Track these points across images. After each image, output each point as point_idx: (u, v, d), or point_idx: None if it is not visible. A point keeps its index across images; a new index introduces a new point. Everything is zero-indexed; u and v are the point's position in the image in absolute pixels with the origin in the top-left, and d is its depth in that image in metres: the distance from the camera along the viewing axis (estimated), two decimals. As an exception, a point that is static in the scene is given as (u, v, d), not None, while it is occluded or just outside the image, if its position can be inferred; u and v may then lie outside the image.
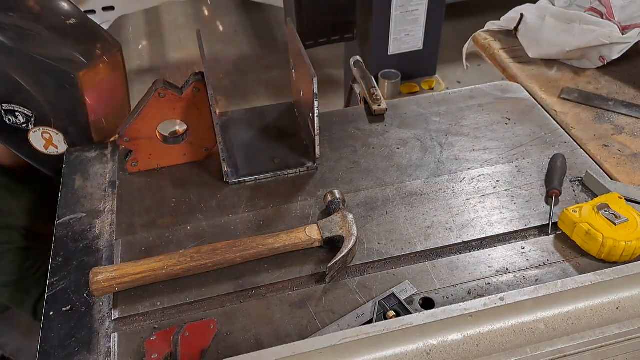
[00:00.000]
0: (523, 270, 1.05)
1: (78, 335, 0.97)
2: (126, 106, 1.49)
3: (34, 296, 1.37)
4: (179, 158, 1.29)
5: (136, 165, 1.27)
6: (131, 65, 3.64)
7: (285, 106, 1.46)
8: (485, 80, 1.63)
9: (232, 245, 1.04)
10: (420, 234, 1.12)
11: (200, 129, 1.25)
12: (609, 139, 1.38)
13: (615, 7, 1.61)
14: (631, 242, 1.02)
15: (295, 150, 1.32)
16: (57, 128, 1.34)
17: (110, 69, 1.38)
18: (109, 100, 1.42)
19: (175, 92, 1.18)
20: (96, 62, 1.32)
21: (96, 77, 1.33)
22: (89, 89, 1.32)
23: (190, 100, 1.20)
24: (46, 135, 1.34)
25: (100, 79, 1.35)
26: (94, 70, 1.32)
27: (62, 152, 1.36)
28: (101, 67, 1.34)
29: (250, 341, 0.94)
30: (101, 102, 1.37)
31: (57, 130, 1.33)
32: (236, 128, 1.39)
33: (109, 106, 1.42)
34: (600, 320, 0.83)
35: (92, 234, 1.15)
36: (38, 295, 1.36)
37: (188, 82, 1.19)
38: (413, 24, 3.01)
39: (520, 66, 1.67)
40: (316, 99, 1.14)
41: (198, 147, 1.28)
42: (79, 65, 1.29)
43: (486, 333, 0.80)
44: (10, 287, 1.36)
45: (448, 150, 1.33)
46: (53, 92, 1.29)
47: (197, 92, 1.19)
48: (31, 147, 1.35)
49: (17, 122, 1.29)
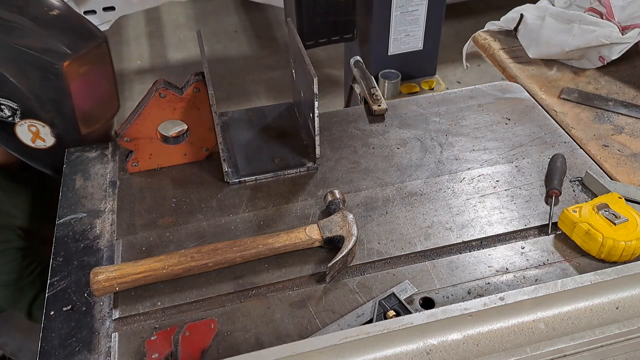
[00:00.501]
0: (523, 270, 1.05)
1: (78, 335, 0.97)
2: (114, 98, 1.47)
3: (29, 296, 1.37)
4: (179, 158, 1.29)
5: (137, 165, 1.27)
6: (131, 65, 3.64)
7: (286, 106, 1.46)
8: (485, 80, 1.64)
9: (232, 245, 1.04)
10: (420, 233, 1.12)
11: (201, 129, 1.25)
12: (609, 139, 1.38)
13: (615, 7, 1.62)
14: (631, 242, 1.02)
15: (295, 150, 1.32)
16: (43, 120, 1.33)
17: (95, 60, 1.37)
18: (95, 92, 1.41)
19: (176, 92, 1.18)
20: (81, 53, 1.31)
21: (81, 68, 1.32)
22: (74, 79, 1.31)
23: (190, 100, 1.20)
24: (32, 128, 1.33)
25: (85, 70, 1.34)
26: (79, 61, 1.31)
27: (50, 145, 1.35)
28: (86, 58, 1.33)
29: (251, 341, 0.94)
30: (87, 93, 1.36)
31: (44, 123, 1.33)
32: (236, 128, 1.39)
33: (96, 98, 1.41)
34: (600, 320, 0.83)
35: (93, 234, 1.15)
36: (33, 295, 1.36)
37: (188, 82, 1.19)
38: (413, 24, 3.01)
39: (520, 66, 1.67)
40: (316, 99, 1.14)
41: (199, 147, 1.29)
42: (63, 55, 1.28)
43: (486, 333, 0.80)
44: (8, 286, 1.36)
45: (448, 150, 1.33)
46: (38, 83, 1.28)
47: (198, 92, 1.19)
48: (19, 140, 1.34)
49: (3, 116, 1.29)
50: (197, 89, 1.19)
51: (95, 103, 1.41)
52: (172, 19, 4.13)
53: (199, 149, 1.29)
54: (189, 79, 1.19)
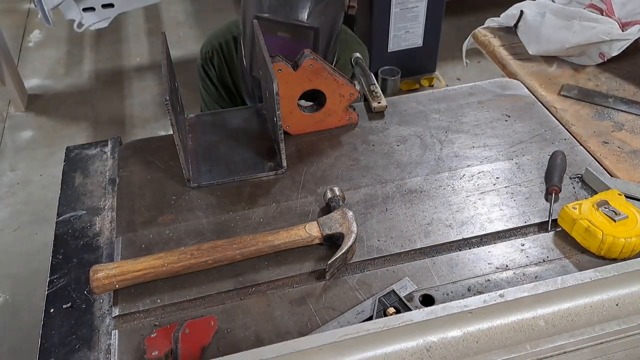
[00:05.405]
0: (523, 267, 1.05)
1: (78, 333, 0.97)
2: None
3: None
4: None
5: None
6: (130, 62, 3.64)
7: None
8: (485, 77, 1.63)
9: (232, 242, 1.04)
10: (420, 231, 1.12)
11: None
12: (609, 135, 1.38)
13: (615, 3, 1.61)
14: (631, 238, 1.02)
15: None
16: None
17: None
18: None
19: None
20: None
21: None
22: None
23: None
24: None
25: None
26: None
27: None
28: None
29: (251, 338, 0.95)
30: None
31: None
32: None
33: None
34: (600, 317, 0.83)
35: (92, 232, 1.15)
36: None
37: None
38: (413, 21, 3.00)
39: (520, 63, 1.67)
40: (278, 109, 1.14)
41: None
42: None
43: (486, 330, 0.80)
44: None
45: (448, 147, 1.33)
46: None
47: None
48: None
49: None
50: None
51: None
52: (171, 16, 4.13)
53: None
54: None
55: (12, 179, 2.84)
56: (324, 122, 1.35)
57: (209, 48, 1.68)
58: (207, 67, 1.70)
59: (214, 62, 1.69)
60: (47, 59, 3.73)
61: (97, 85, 3.48)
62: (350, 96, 1.31)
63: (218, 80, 1.71)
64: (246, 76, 1.51)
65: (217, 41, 1.67)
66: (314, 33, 1.33)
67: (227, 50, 1.67)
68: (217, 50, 1.67)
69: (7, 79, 3.11)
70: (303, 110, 1.33)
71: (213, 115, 1.45)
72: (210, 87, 1.73)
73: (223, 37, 1.67)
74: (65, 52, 3.79)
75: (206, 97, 1.76)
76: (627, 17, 1.59)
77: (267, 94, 1.24)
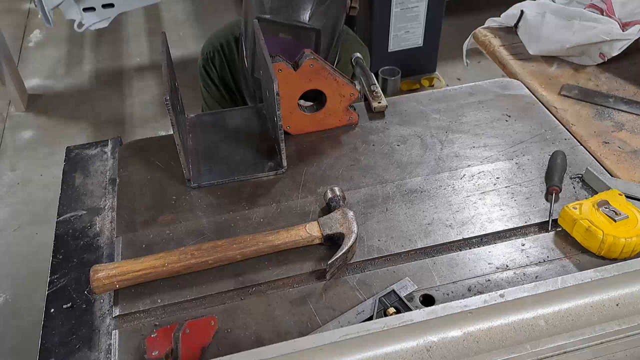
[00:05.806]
0: (523, 267, 1.05)
1: (79, 333, 0.97)
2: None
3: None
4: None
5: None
6: (131, 62, 3.64)
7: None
8: (485, 77, 1.63)
9: (232, 242, 1.04)
10: (420, 230, 1.12)
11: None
12: (609, 135, 1.38)
13: (616, 3, 1.61)
14: (631, 238, 1.02)
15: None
16: None
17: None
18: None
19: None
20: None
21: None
22: None
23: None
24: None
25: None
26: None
27: None
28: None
29: (251, 338, 0.94)
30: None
31: None
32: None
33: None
34: (600, 317, 0.83)
35: (93, 232, 1.15)
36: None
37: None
38: (413, 21, 3.00)
39: (521, 63, 1.67)
40: (278, 109, 1.14)
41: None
42: None
43: (486, 330, 0.80)
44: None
45: (448, 147, 1.33)
46: None
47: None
48: None
49: None
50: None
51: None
52: (171, 16, 4.13)
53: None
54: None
55: (12, 179, 2.84)
56: (324, 122, 1.35)
57: (210, 48, 1.68)
58: (209, 67, 1.70)
59: (215, 62, 1.69)
60: (47, 58, 3.73)
61: (97, 85, 3.48)
62: (350, 96, 1.31)
63: (219, 80, 1.72)
64: (247, 77, 1.51)
65: (218, 41, 1.68)
66: (316, 34, 1.33)
67: (229, 50, 1.67)
68: (219, 50, 1.68)
69: (7, 78, 3.12)
70: (303, 110, 1.33)
71: (213, 115, 1.45)
72: (211, 87, 1.73)
73: (224, 37, 1.67)
74: (66, 52, 3.79)
75: (207, 97, 1.76)
76: (628, 17, 1.59)
77: (267, 94, 1.24)
